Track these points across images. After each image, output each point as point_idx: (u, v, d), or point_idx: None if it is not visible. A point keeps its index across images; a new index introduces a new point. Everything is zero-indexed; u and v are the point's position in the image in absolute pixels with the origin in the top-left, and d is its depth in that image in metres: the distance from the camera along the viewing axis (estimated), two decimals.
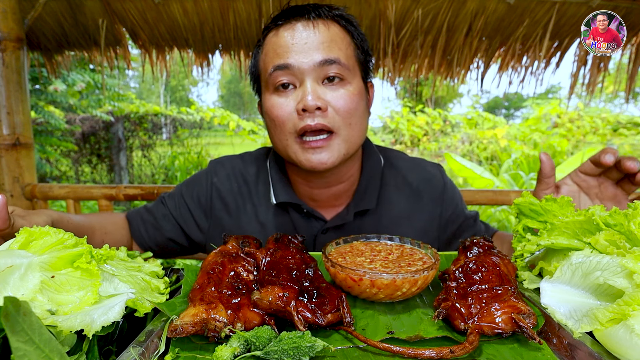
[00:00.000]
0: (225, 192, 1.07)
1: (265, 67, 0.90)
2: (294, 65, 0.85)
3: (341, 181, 1.00)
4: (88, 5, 2.12)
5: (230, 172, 1.10)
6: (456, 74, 2.42)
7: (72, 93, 4.84)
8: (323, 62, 0.85)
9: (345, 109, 0.87)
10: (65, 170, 6.81)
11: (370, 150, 1.07)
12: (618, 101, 13.20)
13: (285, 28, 0.88)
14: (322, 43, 0.86)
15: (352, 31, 0.93)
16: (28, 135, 1.96)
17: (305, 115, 0.85)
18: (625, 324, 0.46)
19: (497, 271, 0.62)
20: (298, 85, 0.87)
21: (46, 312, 0.51)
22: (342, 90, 0.87)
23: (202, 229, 1.10)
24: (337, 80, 0.87)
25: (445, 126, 9.30)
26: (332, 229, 1.02)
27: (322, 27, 0.87)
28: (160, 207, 1.12)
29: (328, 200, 1.03)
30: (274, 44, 0.89)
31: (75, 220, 0.92)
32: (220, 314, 0.54)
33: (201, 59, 2.54)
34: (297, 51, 0.86)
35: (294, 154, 0.90)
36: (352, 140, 0.90)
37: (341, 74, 0.87)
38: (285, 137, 0.90)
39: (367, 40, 0.97)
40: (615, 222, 0.58)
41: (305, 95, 0.84)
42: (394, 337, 0.55)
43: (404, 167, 1.10)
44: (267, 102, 0.92)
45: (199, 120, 8.18)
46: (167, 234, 1.10)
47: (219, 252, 0.68)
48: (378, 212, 1.03)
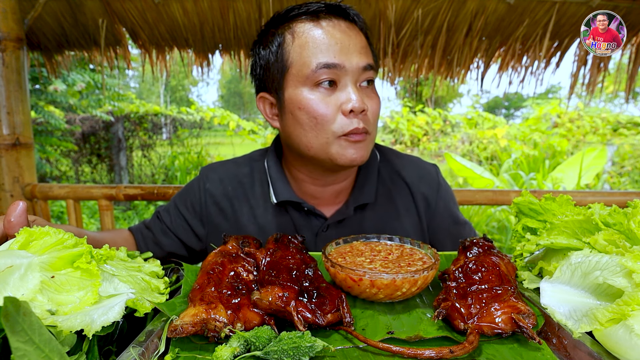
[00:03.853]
0: (219, 197, 1.06)
1: (305, 61, 0.86)
2: (342, 65, 0.85)
3: (346, 177, 1.02)
4: (88, 5, 2.12)
5: (223, 175, 1.09)
6: (456, 74, 2.42)
7: (72, 93, 4.84)
8: (365, 67, 0.88)
9: (377, 113, 0.92)
10: (65, 170, 6.81)
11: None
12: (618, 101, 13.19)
13: (327, 24, 0.87)
14: (363, 47, 0.89)
15: (366, 35, 0.96)
16: (28, 135, 1.96)
17: (351, 116, 0.86)
18: (625, 324, 0.46)
19: (497, 271, 0.62)
20: (338, 85, 0.88)
21: (46, 312, 0.51)
22: (374, 95, 0.93)
23: (200, 237, 1.09)
24: (371, 83, 0.92)
25: (445, 126, 9.30)
26: (333, 226, 1.02)
27: (357, 31, 0.91)
28: (157, 222, 1.11)
29: (329, 197, 1.04)
30: (316, 38, 0.86)
31: (91, 235, 0.90)
32: (220, 314, 0.54)
33: (201, 59, 2.54)
34: (343, 52, 0.85)
35: (335, 151, 0.89)
36: (373, 142, 0.96)
37: (373, 79, 0.92)
38: (326, 135, 0.88)
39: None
40: (615, 221, 0.58)
41: (353, 97, 0.85)
42: (393, 337, 0.55)
43: (399, 164, 1.11)
44: (304, 98, 0.87)
45: (199, 120, 8.18)
46: (166, 249, 1.09)
47: (219, 252, 0.68)
48: (377, 206, 1.04)
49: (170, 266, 0.82)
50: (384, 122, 9.35)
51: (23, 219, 0.63)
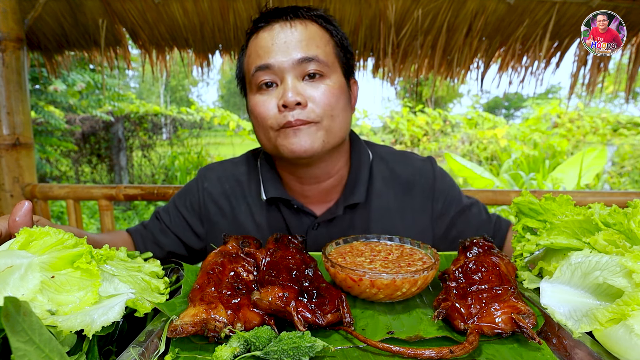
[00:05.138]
0: (217, 195, 1.09)
1: (248, 69, 0.95)
2: (274, 65, 0.89)
3: (330, 175, 1.02)
4: (88, 5, 2.12)
5: (221, 174, 1.11)
6: (456, 74, 2.42)
7: (72, 93, 4.84)
8: (302, 60, 0.88)
9: (326, 102, 0.90)
10: (65, 170, 6.81)
11: (358, 145, 1.08)
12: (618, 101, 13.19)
13: (265, 30, 0.92)
14: (301, 41, 0.89)
15: (331, 29, 0.96)
16: (28, 135, 1.96)
17: (286, 110, 0.89)
18: (625, 324, 0.46)
19: (496, 271, 0.62)
20: (279, 84, 0.91)
21: (46, 312, 0.51)
22: (322, 86, 0.90)
23: (200, 235, 1.11)
24: (318, 76, 0.91)
25: (445, 126, 9.30)
26: (323, 224, 1.03)
27: (299, 26, 0.91)
28: (156, 222, 1.13)
29: (319, 196, 1.05)
30: (255, 46, 0.93)
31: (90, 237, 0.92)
32: (220, 314, 0.54)
33: (201, 59, 2.54)
34: (276, 51, 0.89)
35: (278, 144, 0.92)
36: (333, 131, 0.92)
37: (320, 70, 0.90)
38: (268, 132, 0.93)
39: (347, 39, 1.01)
40: (615, 221, 0.58)
41: (286, 92, 0.88)
42: (393, 337, 0.55)
43: (392, 161, 1.10)
44: (251, 102, 0.96)
45: (199, 120, 8.18)
46: (166, 248, 1.11)
47: (219, 252, 0.68)
48: (368, 206, 1.04)
49: (170, 266, 0.82)
50: (384, 122, 9.35)
51: (28, 218, 0.64)
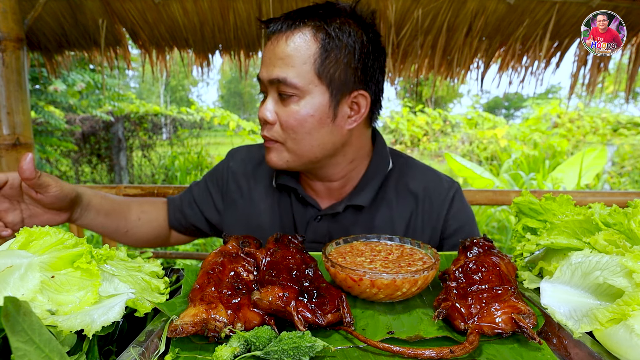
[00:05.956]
0: (239, 175, 1.15)
1: None
2: (260, 78, 0.93)
3: (331, 180, 1.04)
4: (88, 5, 2.12)
5: (245, 156, 1.19)
6: (456, 74, 2.42)
7: (72, 93, 4.84)
8: (271, 81, 0.89)
9: (288, 125, 0.90)
10: (65, 171, 6.81)
11: (380, 154, 1.07)
12: (618, 101, 13.21)
13: (270, 37, 0.92)
14: (279, 59, 0.86)
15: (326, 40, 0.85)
16: (28, 135, 1.96)
17: (263, 124, 0.94)
18: (625, 324, 0.46)
19: (497, 271, 0.62)
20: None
21: (46, 312, 0.51)
22: (290, 108, 0.89)
23: (219, 210, 1.18)
24: (287, 97, 0.88)
25: (445, 126, 9.30)
26: (326, 219, 1.05)
27: (284, 41, 0.86)
28: (187, 194, 1.22)
29: (325, 192, 1.07)
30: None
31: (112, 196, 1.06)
32: (220, 314, 0.54)
33: (201, 59, 2.54)
34: (264, 65, 0.91)
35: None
36: (297, 153, 0.93)
37: (289, 92, 0.87)
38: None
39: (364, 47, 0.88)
40: (615, 221, 0.58)
41: (260, 107, 0.93)
42: (394, 337, 0.55)
43: (410, 174, 1.09)
44: None
45: (199, 120, 8.18)
46: (190, 220, 1.19)
47: (219, 252, 0.68)
48: (374, 212, 1.05)
49: (170, 266, 0.82)
50: (384, 122, 9.35)
51: (31, 165, 0.77)
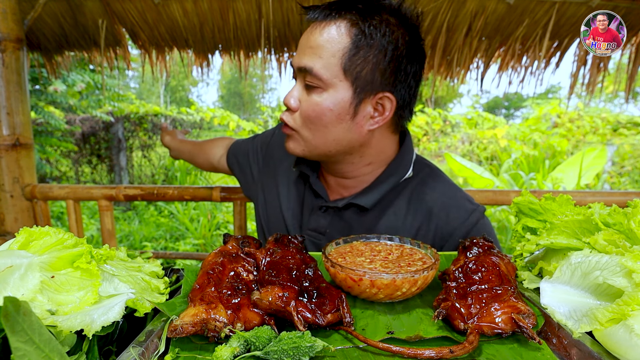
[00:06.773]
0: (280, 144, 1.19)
1: None
2: (292, 64, 0.93)
3: (344, 177, 1.04)
4: (88, 6, 2.12)
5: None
6: (456, 74, 2.42)
7: (72, 93, 4.84)
8: (299, 68, 0.89)
9: (306, 115, 0.90)
10: (65, 171, 6.82)
11: (400, 161, 1.03)
12: (618, 101, 13.21)
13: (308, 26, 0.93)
14: (309, 48, 0.87)
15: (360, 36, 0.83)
16: (28, 135, 1.96)
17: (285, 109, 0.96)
18: (625, 324, 0.46)
19: (496, 271, 0.62)
20: None
21: (46, 312, 0.51)
22: (312, 98, 0.88)
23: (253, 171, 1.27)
24: (311, 87, 0.88)
25: (445, 126, 9.30)
26: (330, 212, 1.05)
27: (318, 30, 0.86)
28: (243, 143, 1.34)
29: (336, 186, 1.08)
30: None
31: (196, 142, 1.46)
32: (220, 314, 0.54)
33: (201, 59, 2.54)
34: (297, 51, 0.92)
35: None
36: (312, 144, 0.93)
37: (313, 83, 0.87)
38: None
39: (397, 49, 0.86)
40: (615, 221, 0.58)
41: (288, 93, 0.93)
42: (393, 337, 0.55)
43: (431, 186, 1.03)
44: None
45: (199, 121, 8.18)
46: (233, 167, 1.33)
47: (219, 252, 0.68)
48: (381, 216, 1.02)
49: (170, 266, 0.82)
50: None
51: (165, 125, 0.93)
